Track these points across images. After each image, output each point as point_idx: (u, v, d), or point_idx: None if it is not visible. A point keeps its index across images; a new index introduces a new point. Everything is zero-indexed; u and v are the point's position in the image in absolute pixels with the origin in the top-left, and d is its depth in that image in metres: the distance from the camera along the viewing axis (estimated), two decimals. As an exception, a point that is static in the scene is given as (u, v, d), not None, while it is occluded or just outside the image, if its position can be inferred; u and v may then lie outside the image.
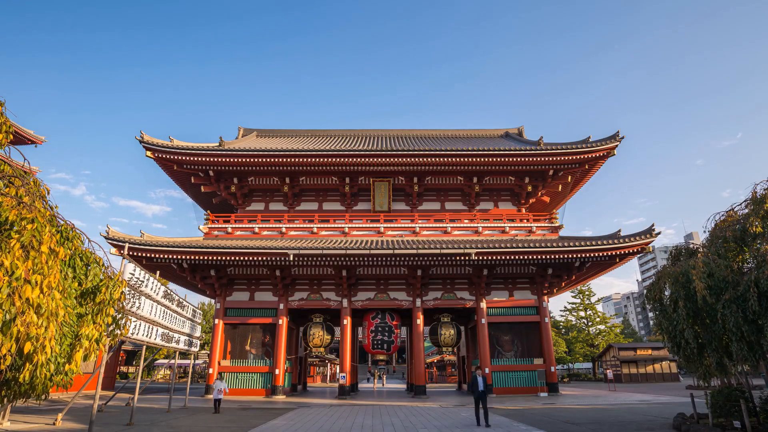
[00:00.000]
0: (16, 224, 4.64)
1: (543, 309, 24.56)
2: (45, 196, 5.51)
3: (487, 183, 27.29)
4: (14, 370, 4.53)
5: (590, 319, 53.88)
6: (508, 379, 23.31)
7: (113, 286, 5.95)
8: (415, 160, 24.08)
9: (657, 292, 11.66)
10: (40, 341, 4.35)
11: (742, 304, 8.73)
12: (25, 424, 12.04)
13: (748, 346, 8.81)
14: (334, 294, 24.97)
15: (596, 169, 26.38)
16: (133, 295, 10.98)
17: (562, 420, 13.36)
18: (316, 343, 24.61)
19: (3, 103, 5.19)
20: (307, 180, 27.14)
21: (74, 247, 5.65)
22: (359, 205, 27.50)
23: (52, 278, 4.63)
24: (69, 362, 5.23)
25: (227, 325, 24.43)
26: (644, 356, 40.31)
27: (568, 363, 54.22)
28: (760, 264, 8.70)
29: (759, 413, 10.02)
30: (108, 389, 26.19)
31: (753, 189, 10.11)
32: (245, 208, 27.46)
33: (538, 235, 25.04)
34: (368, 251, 21.23)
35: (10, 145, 5.71)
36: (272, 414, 15.40)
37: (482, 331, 23.81)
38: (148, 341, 12.31)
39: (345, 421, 13.50)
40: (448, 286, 25.15)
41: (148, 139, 23.72)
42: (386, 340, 24.66)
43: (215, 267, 23.93)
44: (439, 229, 25.34)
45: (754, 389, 14.71)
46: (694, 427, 10.10)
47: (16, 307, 4.18)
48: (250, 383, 23.31)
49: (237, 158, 23.93)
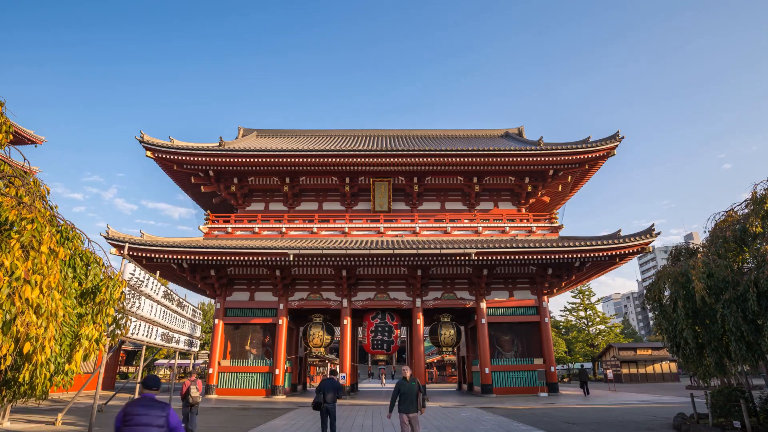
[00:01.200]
0: (16, 224, 4.64)
1: (543, 309, 24.56)
2: (45, 196, 5.52)
3: (487, 183, 27.28)
4: (14, 370, 4.53)
5: (590, 319, 53.85)
6: (508, 379, 23.30)
7: (113, 286, 5.95)
8: (415, 160, 24.07)
9: (657, 292, 11.67)
10: (40, 341, 4.35)
11: (741, 304, 8.72)
12: (26, 424, 12.04)
13: (747, 346, 8.80)
14: (334, 294, 24.96)
15: (596, 169, 26.37)
16: (133, 295, 10.98)
17: (562, 420, 13.36)
18: (316, 343, 24.60)
19: (3, 103, 5.19)
20: (307, 180, 27.13)
21: (74, 247, 5.65)
22: (359, 205, 27.49)
23: (52, 278, 4.64)
24: (69, 362, 5.23)
25: (227, 325, 24.43)
26: (644, 356, 40.28)
27: (568, 363, 54.21)
28: (759, 264, 8.69)
29: (759, 413, 10.02)
30: (108, 389, 26.18)
31: (753, 189, 10.10)
32: (245, 208, 27.46)
33: (538, 235, 25.04)
34: (368, 251, 21.23)
35: (10, 145, 5.71)
36: (272, 414, 15.40)
37: (482, 331, 23.81)
38: (148, 341, 12.31)
39: (345, 421, 13.50)
40: (448, 286, 25.15)
41: (148, 139, 23.72)
42: (386, 340, 24.65)
43: (215, 267, 23.93)
44: (439, 229, 25.34)
45: (754, 389, 14.70)
46: (694, 427, 10.10)
47: (15, 308, 4.18)
48: (250, 383, 23.30)
49: (237, 158, 23.92)
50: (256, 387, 23.19)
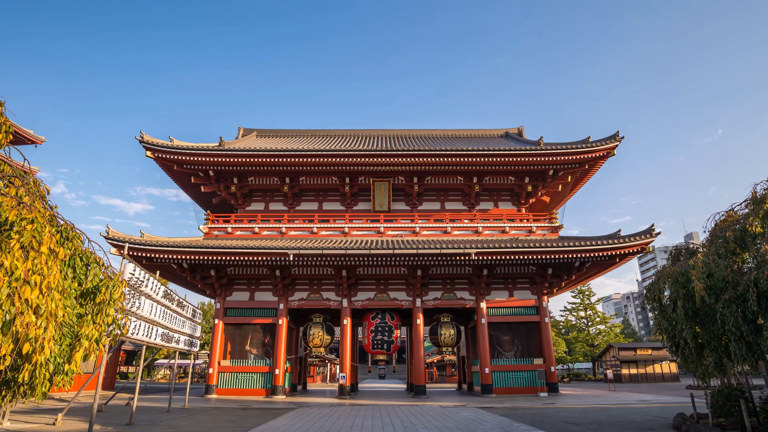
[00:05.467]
0: (16, 224, 4.64)
1: (543, 309, 24.55)
2: (45, 196, 5.52)
3: (487, 183, 27.28)
4: (14, 370, 4.53)
5: (590, 319, 53.86)
6: (508, 379, 23.30)
7: (113, 286, 5.96)
8: (415, 160, 24.08)
9: (656, 292, 11.66)
10: (39, 341, 4.35)
11: (741, 304, 8.71)
12: (25, 424, 12.04)
13: (747, 346, 8.80)
14: (334, 294, 24.97)
15: (596, 169, 26.37)
16: (133, 295, 10.97)
17: (562, 420, 13.35)
18: (316, 343, 24.60)
19: (3, 103, 5.19)
20: (307, 180, 27.13)
21: (74, 247, 5.65)
22: (359, 205, 27.49)
23: (52, 279, 4.64)
24: (69, 362, 5.23)
25: (227, 325, 24.43)
26: (644, 356, 40.30)
27: (568, 363, 54.23)
28: (759, 264, 8.68)
29: (759, 413, 10.02)
30: (108, 389, 26.20)
31: (753, 189, 10.10)
32: (245, 208, 27.47)
33: (538, 235, 25.04)
34: (368, 251, 21.23)
35: (10, 145, 5.72)
36: (272, 414, 15.40)
37: (482, 331, 23.81)
38: (148, 341, 12.31)
39: (345, 421, 13.50)
40: (448, 286, 25.15)
41: (148, 139, 23.72)
42: (386, 340, 24.66)
43: (215, 267, 23.93)
44: (439, 229, 25.34)
45: (754, 389, 14.71)
46: (694, 427, 10.10)
47: (15, 308, 4.18)
48: (250, 383, 23.30)
49: (237, 158, 23.93)
50: (256, 387, 23.19)
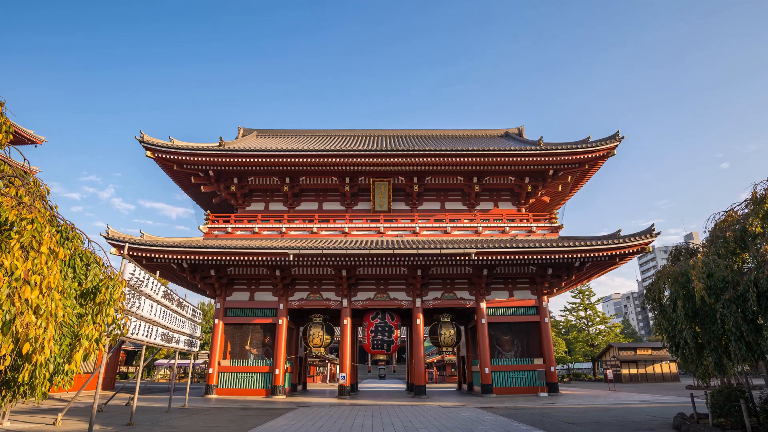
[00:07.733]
0: (16, 224, 4.64)
1: (543, 309, 24.55)
2: (45, 196, 5.52)
3: (487, 183, 27.28)
4: (14, 370, 4.53)
5: (590, 319, 53.86)
6: (508, 379, 23.30)
7: (113, 286, 5.96)
8: (415, 160, 24.07)
9: (656, 292, 11.66)
10: (39, 341, 4.35)
11: (741, 304, 8.71)
12: (25, 424, 12.04)
13: (747, 346, 8.80)
14: (334, 294, 24.97)
15: (596, 169, 26.37)
16: (133, 295, 10.97)
17: (562, 420, 13.35)
18: (316, 343, 24.60)
19: (3, 103, 5.19)
20: (307, 180, 27.13)
21: (74, 247, 5.65)
22: (359, 205, 27.49)
23: (52, 279, 4.64)
24: (69, 362, 5.24)
25: (227, 325, 24.43)
26: (644, 356, 40.30)
27: (568, 363, 54.23)
28: (759, 264, 8.68)
29: (759, 413, 10.02)
30: (108, 389, 26.20)
31: (753, 189, 10.10)
32: (245, 208, 27.46)
33: (538, 235, 25.04)
34: (368, 251, 21.23)
35: (10, 145, 5.71)
36: (272, 414, 15.40)
37: (482, 331, 23.81)
38: (148, 341, 12.30)
39: (345, 421, 13.50)
40: (448, 286, 25.15)
41: (148, 139, 23.72)
42: (386, 340, 24.65)
43: (215, 267, 23.93)
44: (439, 229, 25.34)
45: (754, 389, 14.72)
46: (694, 427, 10.10)
47: (15, 308, 4.18)
48: (250, 383, 23.30)
49: (237, 158, 23.93)
50: (256, 387, 23.19)
